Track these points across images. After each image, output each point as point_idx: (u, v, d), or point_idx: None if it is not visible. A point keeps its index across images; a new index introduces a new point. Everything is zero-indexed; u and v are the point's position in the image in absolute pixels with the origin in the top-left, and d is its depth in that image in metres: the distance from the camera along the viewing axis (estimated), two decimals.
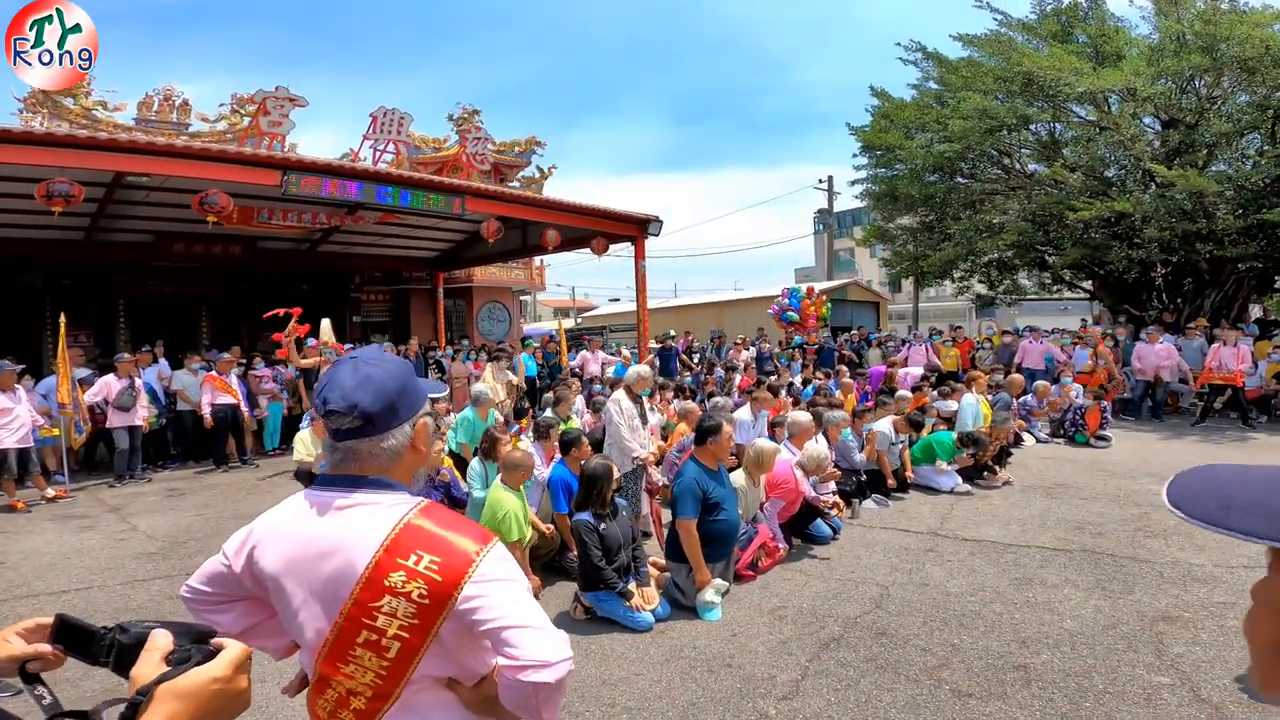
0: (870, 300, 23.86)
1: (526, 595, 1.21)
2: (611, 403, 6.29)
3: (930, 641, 3.63)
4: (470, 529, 1.26)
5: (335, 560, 1.22)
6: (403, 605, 1.18)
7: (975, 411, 7.41)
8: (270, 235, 13.17)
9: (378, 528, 1.22)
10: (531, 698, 1.14)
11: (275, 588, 1.28)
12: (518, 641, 1.14)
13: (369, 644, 1.20)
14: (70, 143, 7.14)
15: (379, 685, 1.21)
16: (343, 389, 1.25)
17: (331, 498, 1.27)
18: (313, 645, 1.25)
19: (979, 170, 16.25)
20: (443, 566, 1.18)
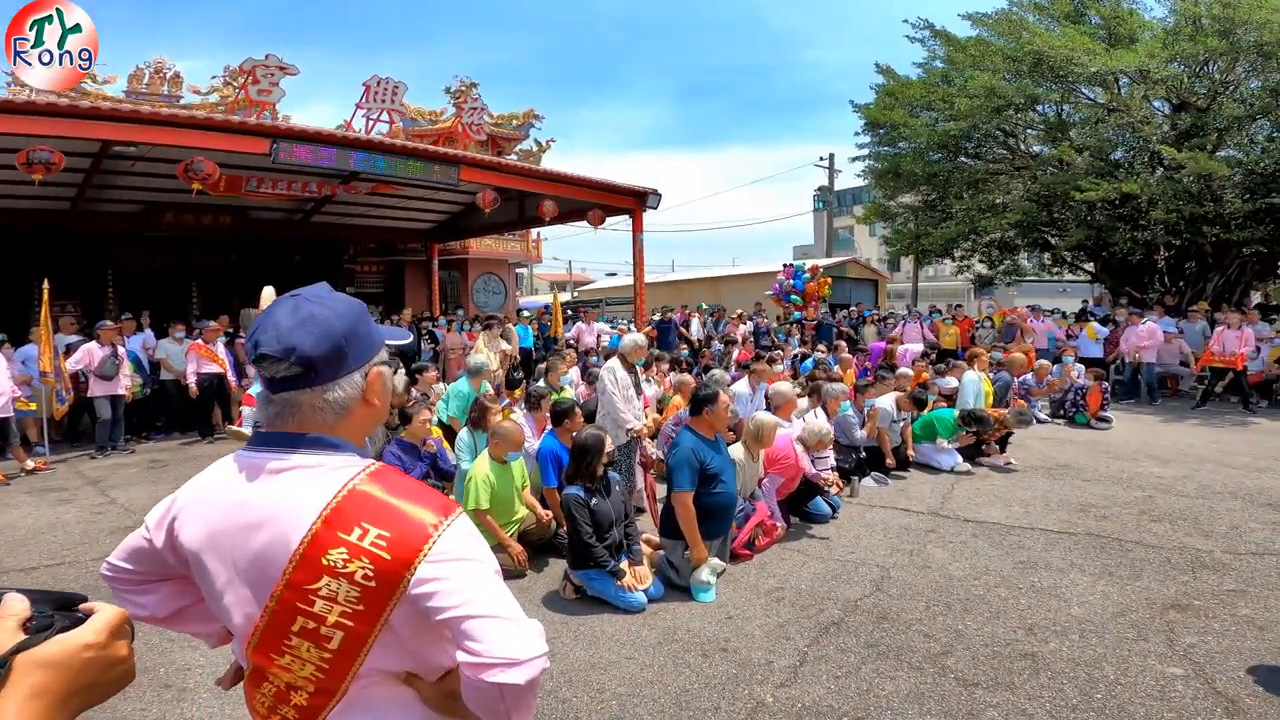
0: (869, 278, 23.69)
1: (494, 578, 1.02)
2: (605, 371, 6.14)
3: (933, 627, 3.52)
4: (429, 497, 1.06)
5: (265, 533, 1.03)
6: (344, 588, 0.99)
7: (977, 389, 7.31)
8: (262, 205, 12.92)
9: (317, 495, 1.02)
10: (498, 701, 0.96)
11: (197, 564, 1.09)
12: (481, 634, 0.95)
13: (306, 633, 1.01)
14: (53, 111, 6.91)
15: (321, 680, 1.03)
16: (279, 330, 1.05)
17: (264, 459, 1.07)
18: (242, 632, 1.06)
19: (984, 149, 16.12)
20: (392, 542, 0.99)
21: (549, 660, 1.00)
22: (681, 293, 23.18)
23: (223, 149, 8.09)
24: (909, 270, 27.85)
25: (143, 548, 1.18)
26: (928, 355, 9.69)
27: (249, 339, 1.09)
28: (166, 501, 1.16)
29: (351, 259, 16.96)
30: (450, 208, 14.97)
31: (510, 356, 9.85)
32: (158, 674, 3.18)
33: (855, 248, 36.24)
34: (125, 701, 2.93)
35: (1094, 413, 8.94)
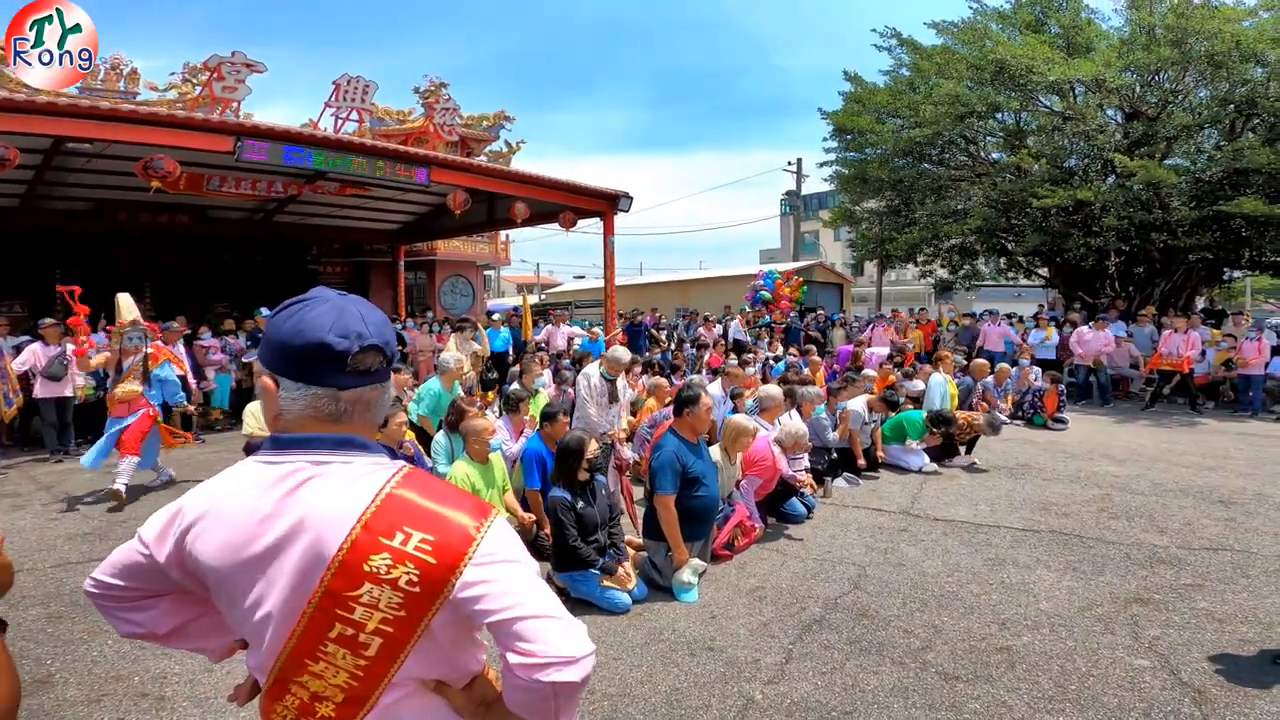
0: (834, 282, 24.11)
1: (537, 578, 1.02)
2: (581, 378, 6.18)
3: (911, 623, 3.63)
4: (464, 499, 1.06)
5: (298, 541, 1.00)
6: (387, 594, 0.97)
7: (943, 391, 7.52)
8: (222, 204, 12.58)
9: (352, 500, 1.01)
10: (550, 700, 0.96)
11: (219, 579, 1.05)
12: (535, 634, 0.95)
13: (343, 639, 0.99)
14: (7, 106, 6.63)
15: (353, 688, 1.01)
16: (374, 323, 1.06)
17: (291, 463, 1.04)
18: (271, 643, 1.03)
19: (947, 156, 16.51)
20: (436, 546, 0.98)
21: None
22: (650, 296, 23.28)
23: (185, 146, 7.86)
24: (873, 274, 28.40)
25: (138, 563, 1.12)
26: (892, 358, 9.91)
27: (330, 332, 1.04)
28: (168, 513, 1.11)
29: (315, 259, 16.61)
30: (418, 208, 14.79)
31: (482, 358, 9.77)
32: (132, 682, 3.10)
33: (821, 252, 36.83)
34: (101, 711, 2.86)
35: (1051, 414, 9.25)
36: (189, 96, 10.25)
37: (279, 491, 1.03)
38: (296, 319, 1.06)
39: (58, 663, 3.28)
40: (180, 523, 1.08)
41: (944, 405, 7.42)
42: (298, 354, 1.04)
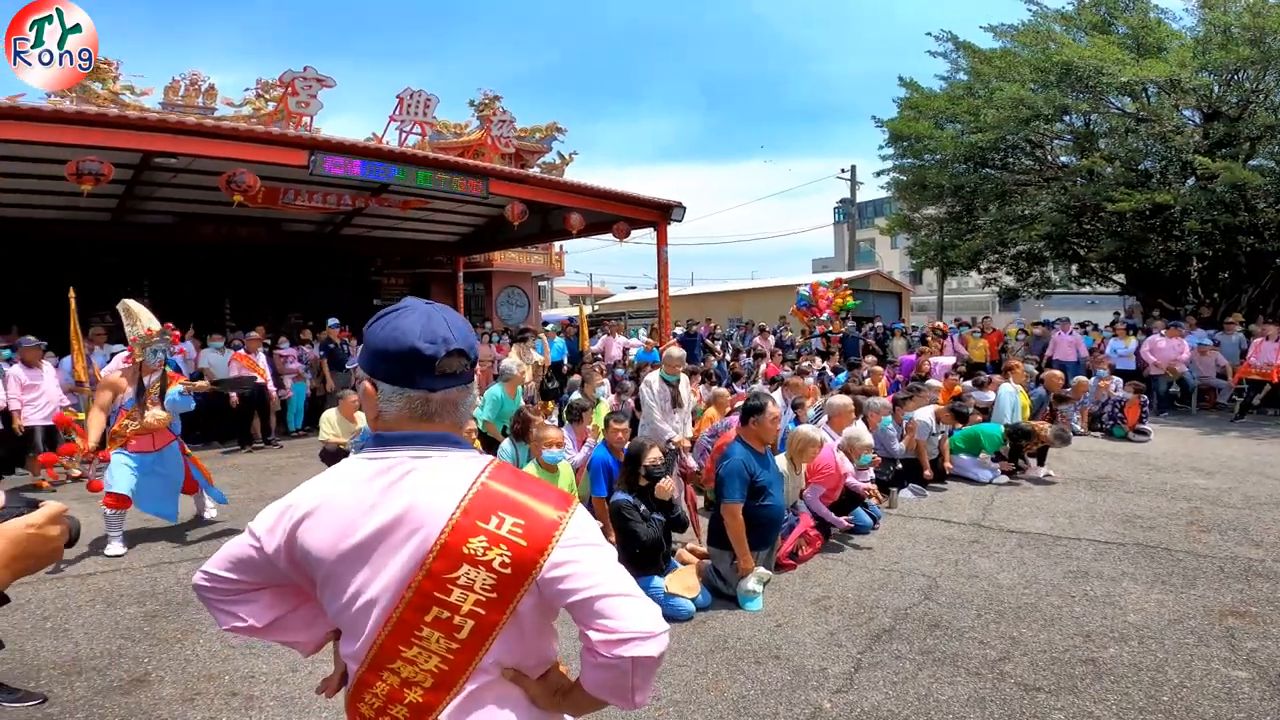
0: (892, 291, 23.60)
1: (616, 561, 1.08)
2: (644, 386, 6.19)
3: (987, 634, 3.51)
4: (548, 491, 1.13)
5: (402, 529, 1.07)
6: (482, 576, 1.04)
7: (1014, 402, 7.25)
8: (294, 218, 13.15)
9: (453, 488, 1.08)
10: (629, 675, 1.01)
11: (326, 568, 1.11)
12: (615, 611, 1.01)
13: (439, 622, 1.06)
14: (101, 121, 7.12)
15: (442, 673, 1.07)
16: (459, 329, 1.14)
17: (393, 459, 1.12)
18: (370, 628, 1.09)
19: (1011, 161, 16.03)
20: (527, 529, 1.06)
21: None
22: (703, 306, 23.23)
23: (261, 160, 8.22)
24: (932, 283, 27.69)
25: (249, 556, 1.19)
26: (957, 368, 9.61)
27: (418, 338, 1.11)
28: (278, 508, 1.18)
29: (378, 271, 17.16)
30: (476, 221, 15.13)
31: (542, 367, 9.92)
32: (223, 681, 3.18)
33: (878, 260, 36.04)
34: (194, 710, 2.94)
35: (1132, 425, 8.81)
36: (263, 112, 10.79)
37: (383, 483, 1.10)
38: (390, 327, 1.14)
39: (154, 661, 3.38)
40: (291, 516, 1.15)
41: (1015, 417, 7.16)
42: (393, 359, 1.12)
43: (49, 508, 1.04)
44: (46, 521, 1.01)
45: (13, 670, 3.24)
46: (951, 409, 6.78)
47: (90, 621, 3.82)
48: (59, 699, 3.02)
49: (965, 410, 6.81)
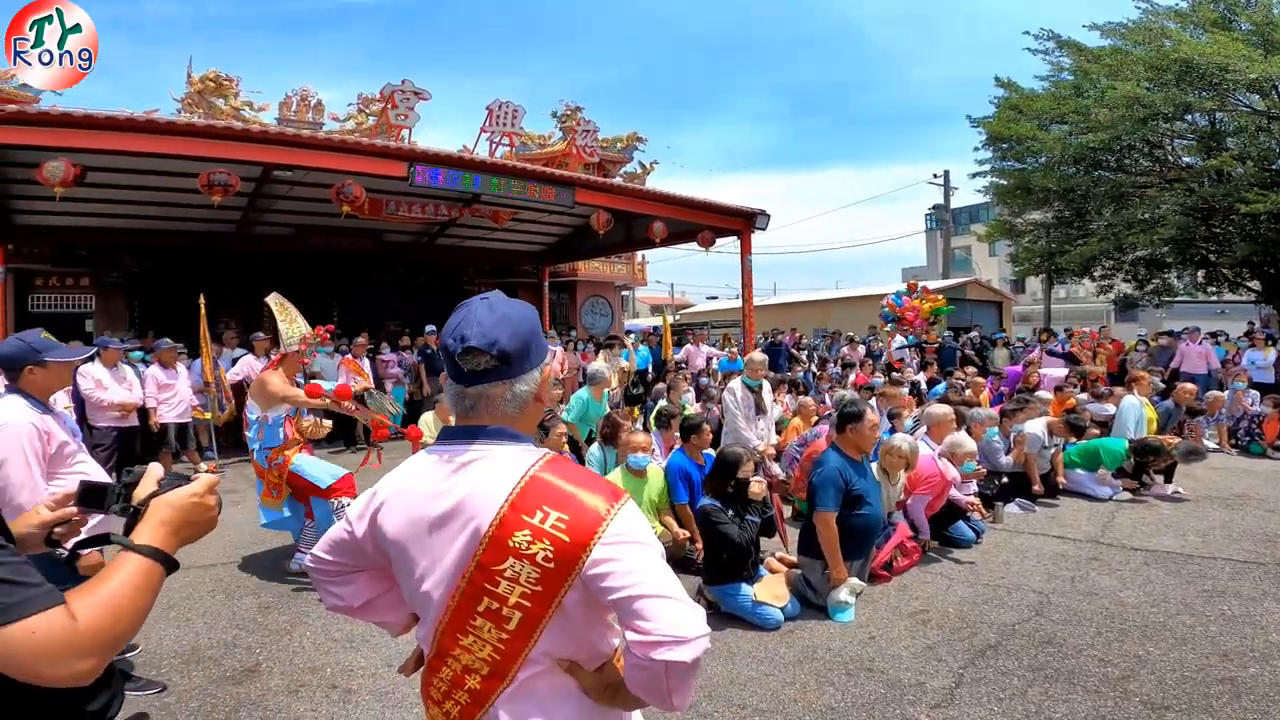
0: (992, 300, 22.35)
1: (661, 561, 1.07)
2: (727, 393, 6.11)
3: (1109, 652, 3.26)
4: (600, 485, 1.13)
5: (459, 519, 1.12)
6: (526, 569, 1.06)
7: (1138, 415, 6.68)
8: (394, 229, 13.83)
9: (503, 481, 1.11)
10: (662, 679, 0.99)
11: (397, 553, 1.18)
12: (651, 613, 0.99)
13: (489, 613, 1.09)
14: (227, 135, 7.71)
15: (495, 662, 1.10)
16: (482, 325, 1.14)
17: (456, 451, 1.17)
18: (433, 615, 1.15)
19: (1128, 162, 14.97)
20: (570, 525, 1.06)
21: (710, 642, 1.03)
22: (787, 315, 22.78)
23: (365, 172, 8.68)
24: (1036, 291, 26.08)
25: (344, 540, 1.28)
26: (1070, 380, 8.94)
27: (449, 335, 1.17)
28: (367, 495, 1.26)
29: (470, 280, 17.78)
30: (561, 230, 15.46)
31: (628, 374, 9.98)
32: (325, 674, 3.28)
33: (974, 268, 34.25)
34: (298, 702, 3.04)
35: (1271, 442, 7.95)
36: (364, 126, 11.43)
37: (444, 473, 1.16)
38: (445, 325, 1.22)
39: (265, 652, 3.51)
40: (374, 503, 1.23)
41: (1139, 431, 6.60)
42: (442, 356, 1.21)
43: (205, 479, 1.10)
44: (206, 491, 1.08)
45: (137, 658, 3.41)
46: (1066, 422, 6.32)
47: (210, 611, 4.02)
48: (177, 688, 3.15)
49: (1082, 423, 6.33)
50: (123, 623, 0.89)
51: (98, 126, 6.82)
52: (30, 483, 2.43)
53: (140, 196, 10.38)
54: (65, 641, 0.83)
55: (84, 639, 0.84)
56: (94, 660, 0.85)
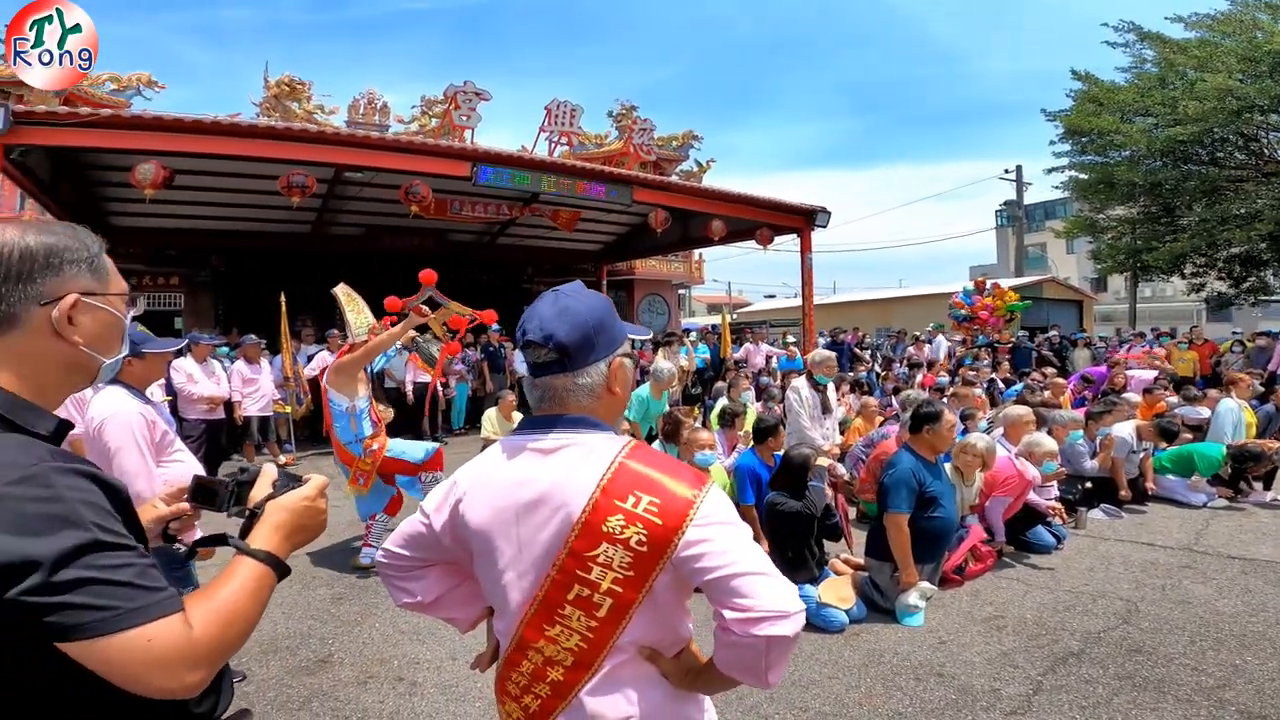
0: (1070, 299, 21.23)
1: (751, 540, 1.07)
2: (791, 391, 5.98)
3: (1203, 661, 3.11)
4: (683, 470, 1.13)
5: (547, 506, 1.12)
6: (619, 554, 1.07)
7: (1236, 419, 6.24)
8: (457, 228, 14.17)
9: (593, 468, 1.11)
10: (763, 655, 1.00)
11: (480, 544, 1.18)
12: (751, 590, 1.00)
13: (580, 601, 1.09)
14: (304, 137, 8.05)
15: (582, 651, 1.10)
16: (541, 319, 1.16)
17: (539, 439, 1.17)
18: (517, 606, 1.15)
19: (1221, 155, 14.13)
20: (662, 508, 1.06)
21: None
22: (848, 314, 22.28)
23: (431, 172, 8.89)
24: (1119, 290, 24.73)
25: (421, 533, 1.27)
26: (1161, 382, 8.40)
27: (519, 328, 1.20)
28: (445, 486, 1.27)
29: (529, 279, 18.08)
30: (619, 229, 15.53)
31: (688, 372, 9.93)
32: (393, 666, 3.34)
33: (1050, 265, 32.64)
34: (366, 693, 3.10)
35: None
36: (428, 128, 11.72)
37: (529, 460, 1.16)
38: None
39: (337, 643, 3.61)
40: (454, 493, 1.23)
41: (1237, 436, 6.17)
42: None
43: (316, 480, 1.08)
44: (318, 494, 1.07)
45: None
46: (1158, 426, 5.95)
47: (288, 601, 4.13)
48: (255, 677, 3.24)
49: (1174, 428, 5.95)
50: (236, 631, 0.88)
51: (186, 130, 7.19)
52: (145, 470, 2.48)
53: (224, 199, 10.94)
54: (179, 651, 0.80)
55: (198, 649, 0.81)
56: (204, 671, 0.83)
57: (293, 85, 11.88)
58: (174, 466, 2.63)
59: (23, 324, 0.88)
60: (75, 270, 0.92)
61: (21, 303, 0.88)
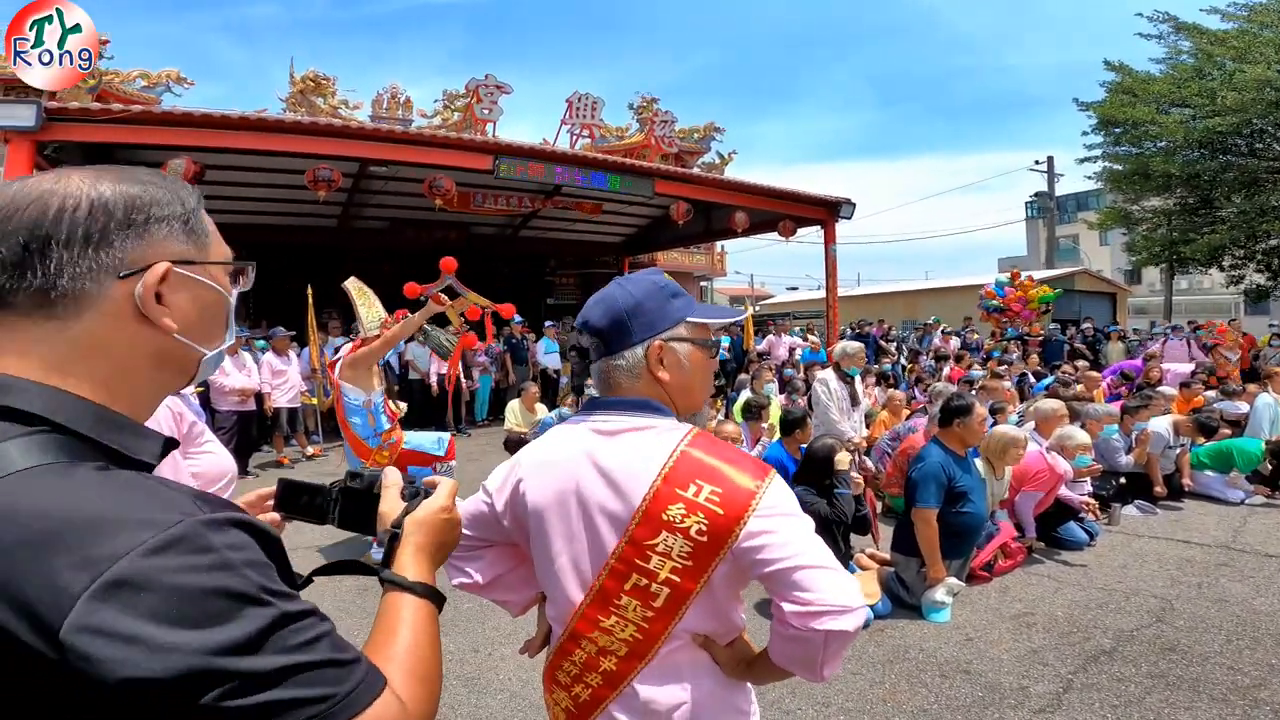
0: (1104, 291, 20.77)
1: (814, 533, 1.05)
2: (819, 383, 5.92)
3: (1240, 661, 3.04)
4: (745, 460, 1.11)
5: (607, 492, 1.11)
6: (679, 543, 1.05)
7: (1274, 414, 6.08)
8: (481, 221, 14.23)
9: (654, 455, 1.10)
10: (820, 649, 0.98)
11: (537, 525, 1.17)
12: (813, 583, 0.98)
13: (637, 590, 1.08)
14: (329, 131, 8.13)
15: (636, 642, 1.09)
16: (587, 305, 1.20)
17: (600, 421, 1.17)
18: (572, 594, 1.14)
19: (1260, 147, 13.81)
20: (724, 498, 1.04)
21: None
22: (873, 307, 22.00)
23: (454, 165, 8.93)
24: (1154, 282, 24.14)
25: (482, 512, 1.26)
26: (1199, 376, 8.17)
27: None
28: (507, 466, 1.26)
29: (551, 271, 18.12)
30: (640, 221, 15.48)
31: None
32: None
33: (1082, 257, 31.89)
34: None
35: None
36: (450, 122, 11.77)
37: (590, 444, 1.15)
38: None
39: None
40: (516, 473, 1.23)
41: (1275, 431, 6.01)
42: None
43: (446, 487, 0.91)
44: (451, 502, 0.90)
45: None
46: (1196, 420, 5.81)
47: (314, 593, 4.11)
48: None
49: (1213, 423, 5.80)
50: (433, 689, 0.72)
51: (216, 125, 7.31)
52: (172, 464, 2.31)
53: (252, 193, 11.10)
54: None
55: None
56: None
57: (318, 81, 12.00)
58: (204, 458, 2.63)
59: (96, 304, 0.65)
60: (166, 230, 0.70)
61: (93, 275, 0.65)
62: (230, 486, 2.61)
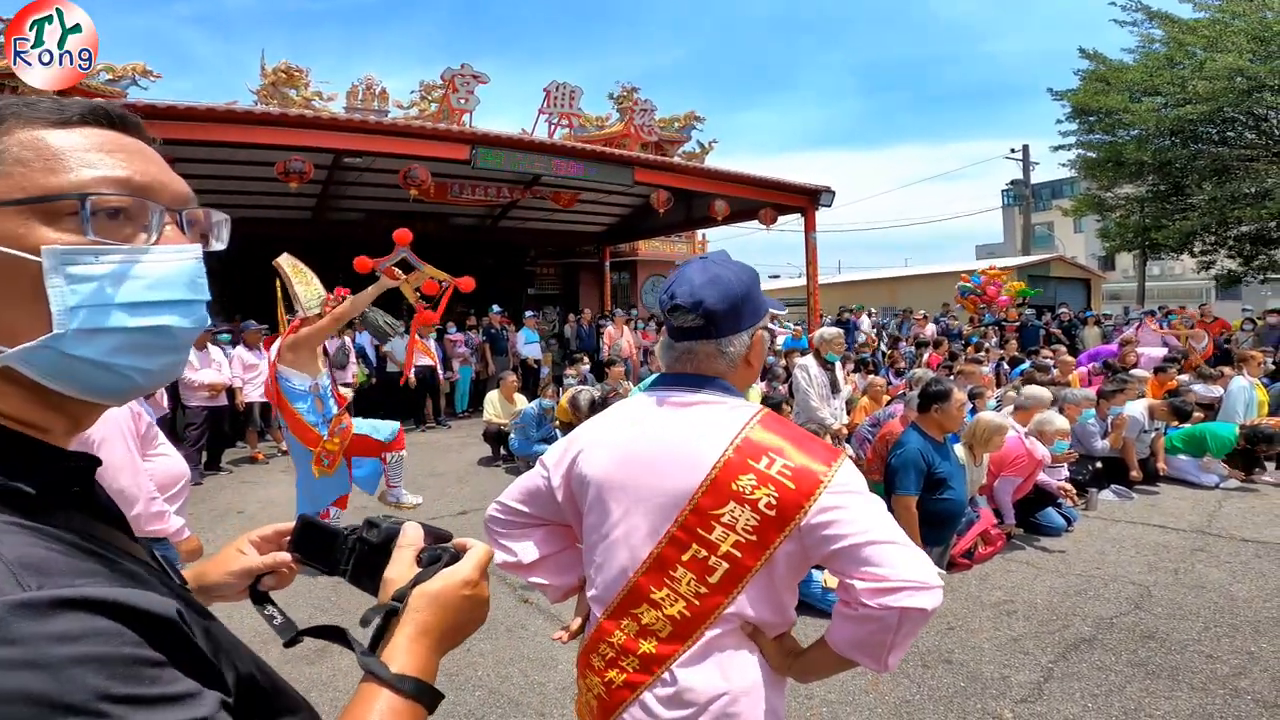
0: (1078, 277, 21.04)
1: (886, 511, 1.04)
2: (799, 369, 5.92)
3: (1218, 648, 3.07)
4: (816, 443, 1.12)
5: (676, 459, 1.10)
6: (745, 515, 1.03)
7: (1248, 398, 6.17)
8: (458, 212, 14.06)
9: (725, 428, 1.10)
10: (893, 631, 0.94)
11: (595, 497, 1.15)
12: (886, 559, 0.95)
13: (695, 562, 1.05)
14: (300, 123, 7.97)
15: (683, 620, 1.06)
16: (691, 285, 1.15)
17: (673, 395, 1.18)
18: (623, 567, 1.11)
19: (1231, 135, 14.09)
20: (796, 472, 1.04)
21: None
22: (854, 294, 22.10)
23: (430, 156, 8.81)
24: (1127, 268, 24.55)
25: (539, 487, 1.26)
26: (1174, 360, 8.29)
27: (663, 292, 1.19)
28: (565, 441, 1.26)
29: (532, 261, 17.97)
30: (622, 210, 15.40)
31: None
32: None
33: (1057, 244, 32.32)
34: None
35: None
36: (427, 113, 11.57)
37: (659, 416, 1.16)
38: None
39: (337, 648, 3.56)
40: (574, 448, 1.22)
41: (1249, 415, 6.09)
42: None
43: (477, 554, 0.73)
44: (480, 575, 0.72)
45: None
46: (1171, 405, 5.87)
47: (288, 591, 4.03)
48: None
49: (1187, 407, 5.87)
50: None
51: (182, 117, 7.12)
52: (131, 464, 2.32)
53: (223, 186, 10.85)
54: None
55: None
56: None
57: (290, 72, 11.71)
58: (159, 460, 2.55)
59: None
60: None
61: None
62: (185, 491, 2.55)
